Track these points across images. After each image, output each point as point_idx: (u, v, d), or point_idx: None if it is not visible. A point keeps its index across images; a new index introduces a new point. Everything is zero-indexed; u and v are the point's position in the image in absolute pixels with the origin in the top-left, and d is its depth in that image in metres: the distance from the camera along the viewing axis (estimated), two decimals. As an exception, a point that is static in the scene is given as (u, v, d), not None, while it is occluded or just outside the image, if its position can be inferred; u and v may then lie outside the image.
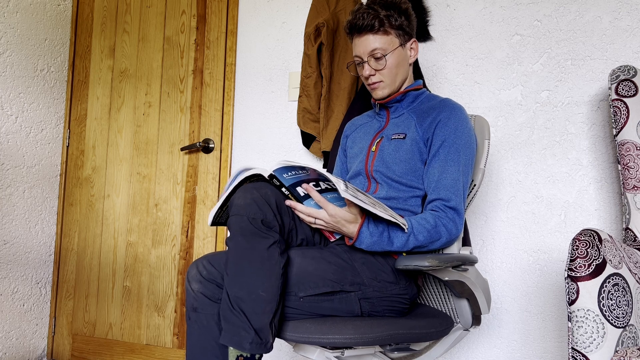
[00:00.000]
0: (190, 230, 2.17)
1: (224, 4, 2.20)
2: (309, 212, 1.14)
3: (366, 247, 1.15)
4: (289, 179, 1.13)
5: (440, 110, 1.30)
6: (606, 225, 1.54)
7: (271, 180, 1.13)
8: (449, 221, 1.20)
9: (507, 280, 1.65)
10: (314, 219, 1.15)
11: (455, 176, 1.23)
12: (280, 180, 1.12)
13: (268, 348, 1.04)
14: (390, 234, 1.15)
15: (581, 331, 0.93)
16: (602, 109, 1.57)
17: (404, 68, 1.36)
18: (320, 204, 1.13)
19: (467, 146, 1.26)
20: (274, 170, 1.10)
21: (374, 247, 1.15)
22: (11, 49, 2.27)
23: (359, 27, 1.31)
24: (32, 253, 2.36)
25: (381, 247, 1.15)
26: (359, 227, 1.14)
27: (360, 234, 1.14)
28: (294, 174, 1.13)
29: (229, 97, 2.15)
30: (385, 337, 1.07)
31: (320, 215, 1.14)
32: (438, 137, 1.26)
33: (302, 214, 1.16)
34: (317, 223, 1.16)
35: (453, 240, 1.23)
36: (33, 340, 2.36)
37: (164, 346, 2.18)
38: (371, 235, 1.14)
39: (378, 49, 1.30)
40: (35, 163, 2.37)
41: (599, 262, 0.95)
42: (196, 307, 1.14)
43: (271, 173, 1.11)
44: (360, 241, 1.14)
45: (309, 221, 1.16)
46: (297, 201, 1.16)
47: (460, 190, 1.23)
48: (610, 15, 1.58)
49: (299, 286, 1.10)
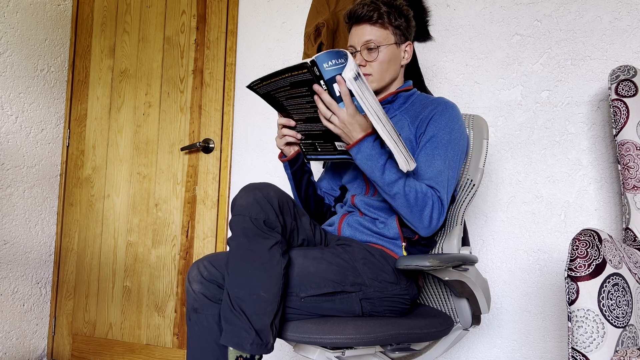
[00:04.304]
0: (190, 230, 2.17)
1: (224, 4, 2.20)
2: (332, 104, 1.11)
3: (361, 158, 1.15)
4: (329, 70, 1.09)
5: (434, 107, 1.29)
6: (606, 225, 1.55)
7: (312, 68, 1.08)
8: (436, 209, 1.18)
9: (507, 280, 1.65)
10: (331, 115, 1.13)
11: (441, 169, 1.22)
12: (320, 70, 1.08)
13: (269, 349, 1.04)
14: (387, 162, 1.15)
15: (581, 331, 0.93)
16: (602, 109, 1.58)
17: (395, 67, 1.36)
18: (344, 99, 1.11)
19: (456, 142, 1.25)
20: (316, 57, 1.07)
21: (367, 162, 1.15)
22: (11, 49, 2.27)
23: (358, 15, 1.32)
24: (32, 253, 2.36)
25: (372, 168, 1.15)
26: (366, 134, 1.14)
27: (363, 140, 1.14)
28: (335, 63, 1.09)
29: (229, 97, 2.15)
30: (386, 337, 1.07)
31: (340, 112, 1.12)
32: (428, 132, 1.26)
33: (322, 105, 1.13)
34: (331, 120, 1.13)
35: (432, 229, 1.20)
36: (33, 340, 2.36)
37: (164, 346, 2.18)
38: (372, 148, 1.14)
39: (372, 40, 1.30)
40: (35, 163, 2.37)
41: (599, 262, 0.95)
42: (197, 307, 1.14)
43: (313, 59, 1.07)
44: (359, 148, 1.15)
45: (324, 114, 1.13)
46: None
47: (444, 183, 1.21)
48: (610, 15, 1.58)
49: (300, 287, 1.10)
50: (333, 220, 1.38)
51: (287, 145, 1.33)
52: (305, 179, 1.40)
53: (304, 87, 1.13)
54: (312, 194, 1.43)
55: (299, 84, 1.13)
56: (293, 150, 1.33)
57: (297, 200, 1.43)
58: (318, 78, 1.10)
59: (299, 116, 1.24)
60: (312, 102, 1.15)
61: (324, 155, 1.30)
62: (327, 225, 1.40)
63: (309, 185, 1.41)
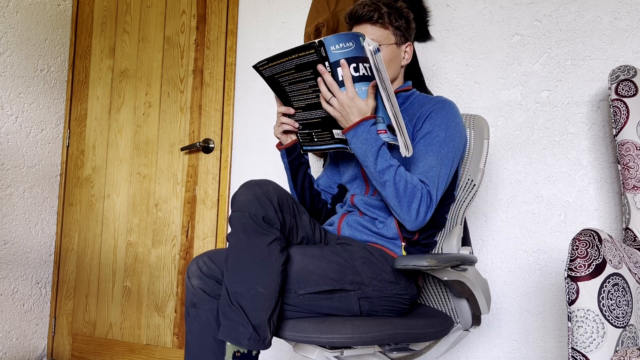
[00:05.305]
0: (190, 230, 2.17)
1: (224, 4, 2.20)
2: (333, 85, 1.14)
3: (356, 142, 1.17)
4: (335, 53, 1.12)
5: (432, 105, 1.30)
6: (606, 225, 1.54)
7: (319, 48, 1.11)
8: (424, 204, 1.18)
9: (507, 280, 1.65)
10: (331, 96, 1.16)
11: (432, 164, 1.22)
12: (327, 51, 1.11)
13: (266, 344, 1.04)
14: (381, 149, 1.17)
15: (581, 331, 0.93)
16: (602, 109, 1.57)
17: (395, 67, 1.36)
18: (346, 82, 1.14)
19: (451, 139, 1.25)
20: (324, 38, 1.09)
21: (362, 146, 1.16)
22: (11, 49, 2.27)
23: (359, 16, 1.32)
24: (32, 253, 2.36)
25: (365, 153, 1.17)
26: (363, 118, 1.16)
27: (360, 124, 1.16)
28: (342, 47, 1.12)
29: (229, 97, 2.15)
30: (383, 337, 1.07)
31: (340, 94, 1.14)
32: (424, 129, 1.26)
33: (324, 87, 1.16)
34: (331, 102, 1.16)
35: (419, 224, 1.20)
36: (33, 340, 2.36)
37: (164, 346, 2.18)
38: (368, 132, 1.16)
39: (373, 39, 1.31)
40: (35, 163, 2.37)
41: (599, 262, 0.95)
42: (195, 302, 1.15)
43: (321, 40, 1.09)
44: (355, 131, 1.16)
45: (325, 95, 1.16)
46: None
47: (435, 179, 1.21)
48: (610, 15, 1.58)
49: (298, 284, 1.11)
50: (333, 220, 1.39)
51: (285, 133, 1.34)
52: (302, 170, 1.40)
53: (309, 70, 1.16)
54: (309, 187, 1.43)
55: (304, 67, 1.16)
56: (290, 139, 1.35)
57: (293, 192, 1.43)
58: (324, 59, 1.13)
59: (299, 103, 1.26)
60: (315, 85, 1.18)
61: (320, 146, 1.32)
62: (327, 225, 1.40)
63: (305, 178, 1.42)
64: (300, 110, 1.27)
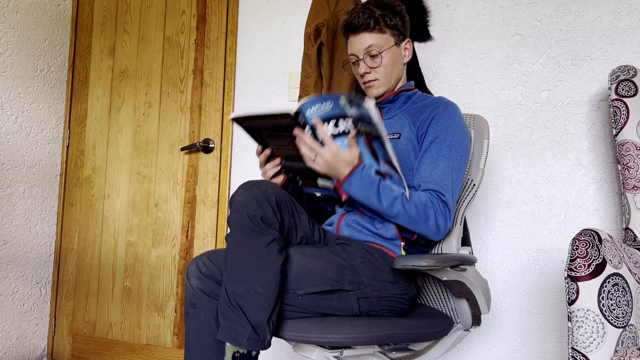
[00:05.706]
0: (190, 230, 2.17)
1: (224, 4, 2.20)
2: (313, 145, 1.14)
3: (355, 190, 1.16)
4: (312, 115, 1.12)
5: (435, 107, 1.30)
6: (606, 225, 1.54)
7: (297, 117, 1.12)
8: (440, 215, 1.19)
9: (507, 280, 1.65)
10: (315, 156, 1.15)
11: (445, 172, 1.22)
12: (304, 117, 1.12)
13: (265, 345, 1.04)
14: (380, 187, 1.16)
15: (581, 331, 0.93)
16: (602, 109, 1.57)
17: (398, 67, 1.37)
18: (324, 140, 1.14)
19: (459, 143, 1.25)
20: (301, 105, 1.10)
21: (360, 193, 1.16)
22: (11, 49, 2.27)
23: (354, 25, 1.32)
24: (32, 253, 2.36)
25: (367, 197, 1.16)
26: (353, 167, 1.15)
27: (352, 174, 1.15)
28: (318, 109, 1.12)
29: (229, 97, 2.15)
30: (383, 337, 1.07)
31: (323, 152, 1.14)
32: (431, 133, 1.26)
33: (305, 148, 1.15)
34: (316, 160, 1.16)
35: (442, 234, 1.21)
36: (33, 340, 2.36)
37: (164, 346, 2.18)
38: (362, 178, 1.15)
39: (374, 46, 1.31)
40: (35, 163, 2.37)
41: (599, 262, 0.95)
42: (194, 303, 1.15)
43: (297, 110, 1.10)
44: (349, 182, 1.16)
45: (309, 156, 1.16)
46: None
47: (449, 186, 1.21)
48: (610, 15, 1.58)
49: (298, 284, 1.10)
50: (332, 220, 1.39)
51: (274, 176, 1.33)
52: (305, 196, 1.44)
53: (286, 132, 1.16)
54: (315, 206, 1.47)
55: (282, 128, 1.16)
56: (280, 179, 1.33)
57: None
58: (303, 125, 1.13)
59: (280, 153, 1.26)
60: (294, 142, 1.17)
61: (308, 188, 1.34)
62: (326, 225, 1.40)
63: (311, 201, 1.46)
64: (282, 158, 1.28)
